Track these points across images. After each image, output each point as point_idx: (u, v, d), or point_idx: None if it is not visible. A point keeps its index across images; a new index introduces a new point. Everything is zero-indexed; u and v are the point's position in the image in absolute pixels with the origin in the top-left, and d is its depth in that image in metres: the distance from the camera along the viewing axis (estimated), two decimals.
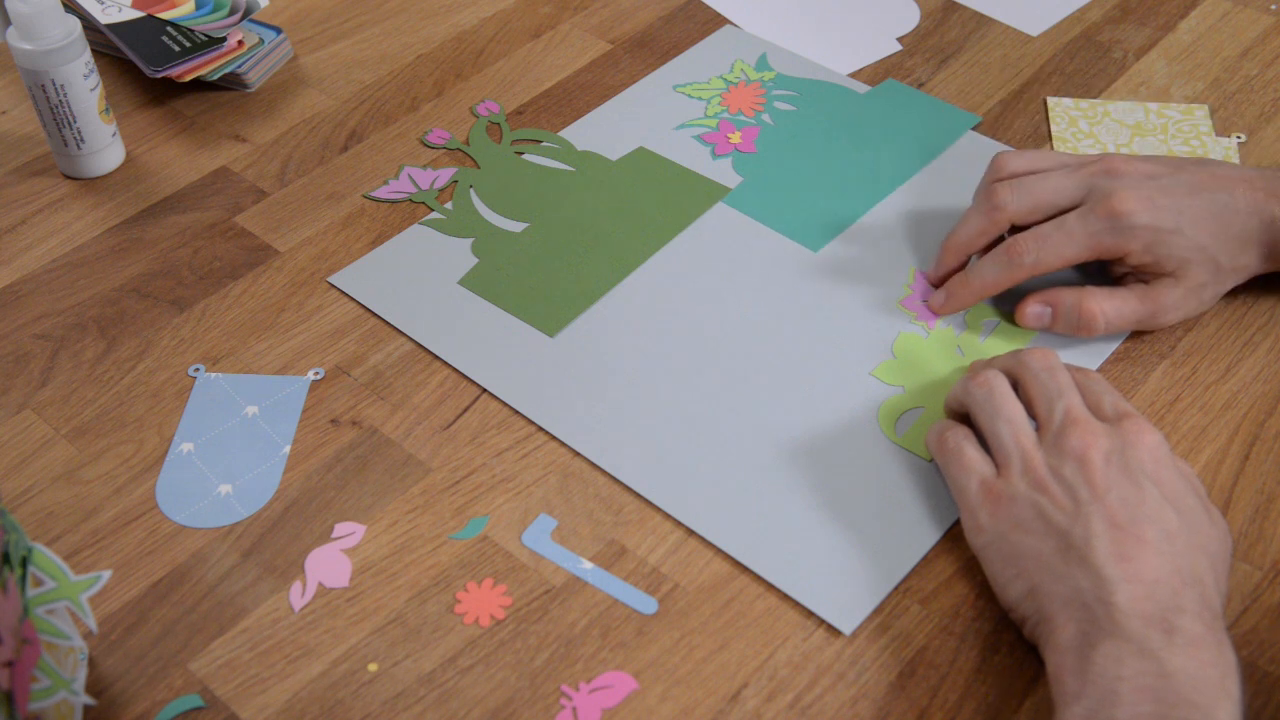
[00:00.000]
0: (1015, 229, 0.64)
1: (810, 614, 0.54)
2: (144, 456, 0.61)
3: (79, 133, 0.74)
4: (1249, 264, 0.62)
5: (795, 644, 0.53)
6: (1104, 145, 0.76)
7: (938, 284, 0.66)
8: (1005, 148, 0.77)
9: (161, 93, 0.82)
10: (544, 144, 0.78)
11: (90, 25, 0.82)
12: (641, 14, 0.88)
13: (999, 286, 0.63)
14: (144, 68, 0.79)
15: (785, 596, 0.55)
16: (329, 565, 0.56)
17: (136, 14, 0.82)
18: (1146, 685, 0.45)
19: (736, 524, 0.57)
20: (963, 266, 0.66)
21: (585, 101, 0.81)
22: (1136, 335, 0.65)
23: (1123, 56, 0.84)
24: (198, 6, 0.83)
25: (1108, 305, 0.62)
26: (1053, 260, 0.61)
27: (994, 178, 0.64)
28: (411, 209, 0.74)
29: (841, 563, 0.56)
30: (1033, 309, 0.63)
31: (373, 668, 0.52)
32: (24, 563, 0.47)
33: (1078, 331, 0.63)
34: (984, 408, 0.55)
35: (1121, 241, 0.60)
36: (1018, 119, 0.79)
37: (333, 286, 0.69)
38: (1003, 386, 0.56)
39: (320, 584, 0.55)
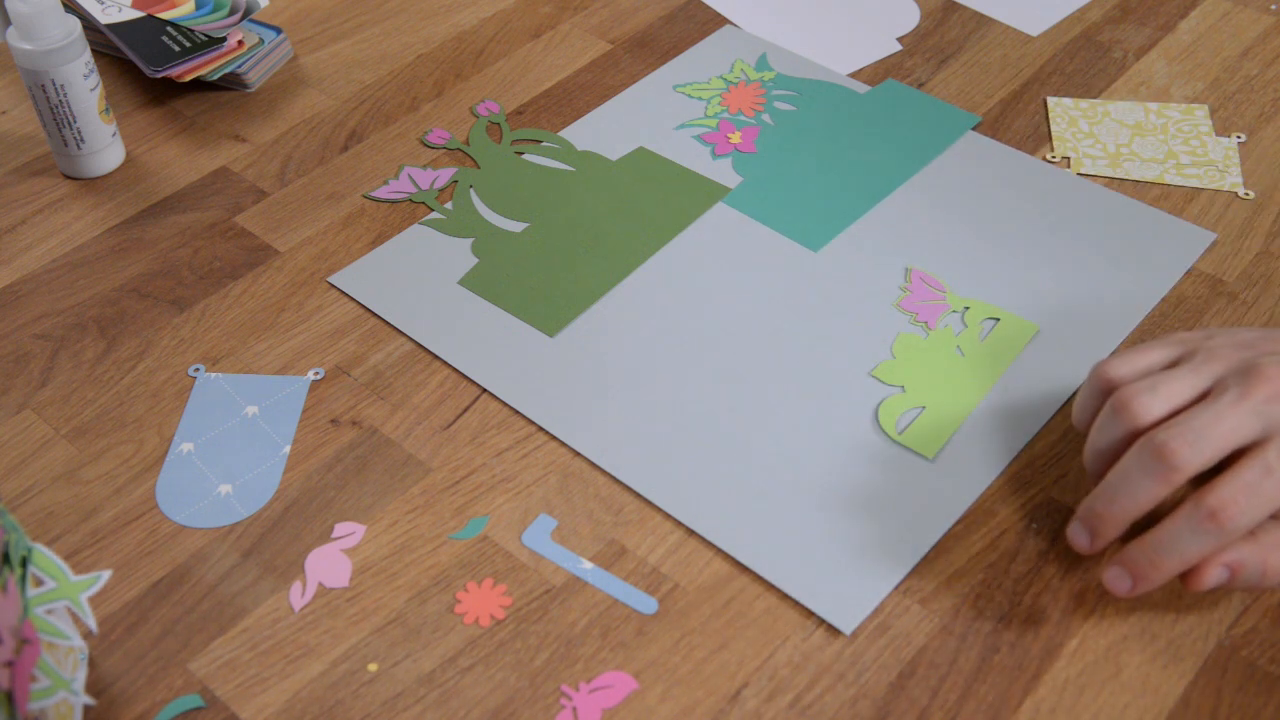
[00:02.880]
0: None
1: (810, 614, 0.54)
2: (144, 456, 0.61)
3: (79, 133, 0.74)
4: None
5: (795, 644, 0.53)
6: (1104, 145, 0.76)
7: (1096, 553, 0.54)
8: (1005, 148, 0.77)
9: (161, 93, 0.82)
10: (544, 144, 0.78)
11: (90, 25, 0.82)
12: (641, 14, 0.88)
13: (1204, 557, 0.50)
14: (144, 68, 0.79)
15: (785, 596, 0.55)
16: (329, 565, 0.56)
17: (136, 14, 0.82)
18: None
19: (736, 524, 0.57)
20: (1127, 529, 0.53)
21: (585, 101, 0.81)
22: (1145, 332, 0.65)
23: (1123, 56, 0.84)
24: (198, 6, 0.83)
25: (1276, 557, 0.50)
26: (1262, 515, 0.49)
27: (1133, 423, 0.51)
28: (411, 209, 0.74)
29: (841, 563, 0.56)
30: (1211, 574, 0.50)
31: (373, 668, 0.52)
32: (24, 563, 0.47)
33: (1261, 589, 0.53)
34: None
35: None
36: (1018, 119, 0.79)
37: (333, 286, 0.69)
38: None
39: (320, 584, 0.55)
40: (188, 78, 0.79)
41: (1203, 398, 0.51)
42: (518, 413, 0.62)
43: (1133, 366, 0.53)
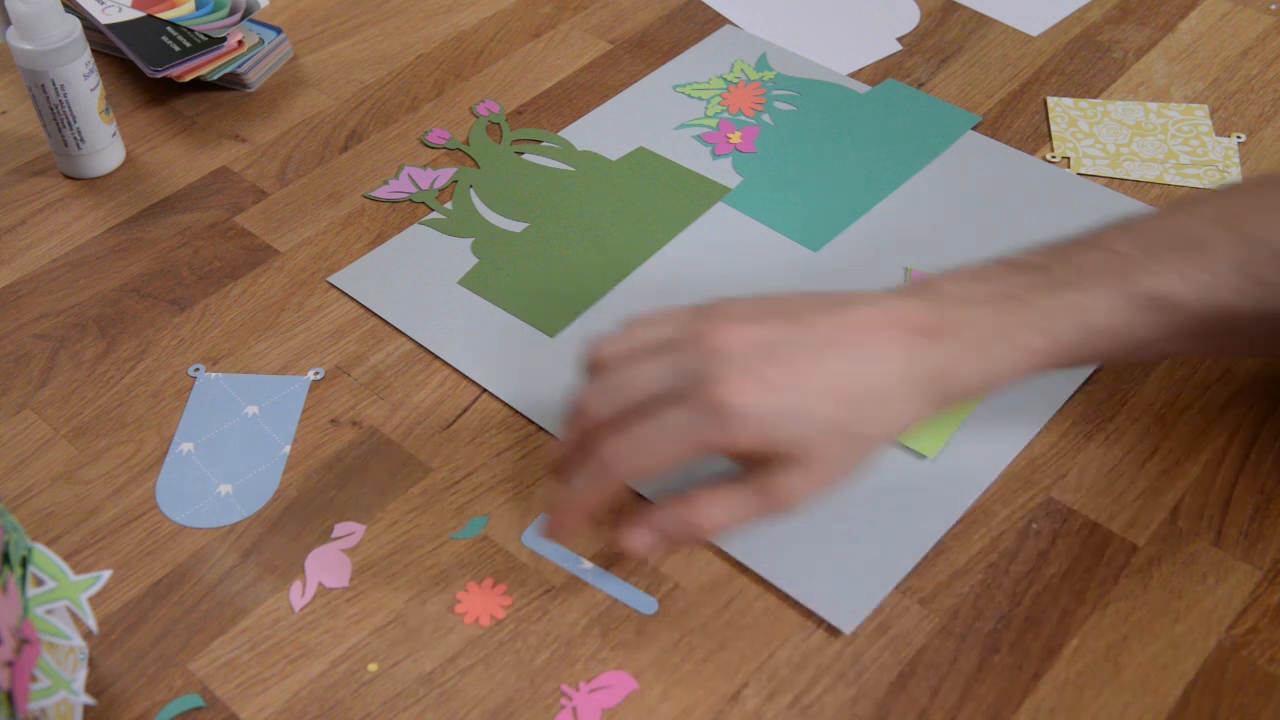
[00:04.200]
0: None
1: (810, 614, 0.54)
2: (144, 456, 0.61)
3: (79, 133, 0.74)
4: (907, 415, 0.51)
5: (795, 644, 0.53)
6: (1104, 145, 0.76)
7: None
8: (1005, 148, 0.77)
9: (161, 93, 0.82)
10: (544, 144, 0.78)
11: (90, 25, 0.82)
12: (641, 14, 0.88)
13: (598, 501, 0.52)
14: (144, 68, 0.79)
15: (785, 596, 0.55)
16: (329, 565, 0.56)
17: (136, 14, 0.82)
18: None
19: None
20: None
21: (585, 101, 0.81)
22: None
23: (1123, 56, 0.84)
24: (198, 6, 0.83)
25: (717, 511, 0.51)
26: (650, 464, 0.50)
27: (586, 370, 0.54)
28: (411, 209, 0.74)
29: (841, 563, 0.56)
30: (637, 538, 0.52)
31: (373, 668, 0.52)
32: (24, 563, 0.47)
33: (693, 544, 0.55)
34: None
35: (728, 436, 0.49)
36: (1018, 119, 0.79)
37: (333, 286, 0.69)
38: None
39: (320, 584, 0.55)
40: (188, 78, 0.79)
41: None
42: (518, 413, 0.62)
43: (617, 344, 0.53)
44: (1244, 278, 0.52)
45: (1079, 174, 0.75)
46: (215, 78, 0.80)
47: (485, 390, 0.63)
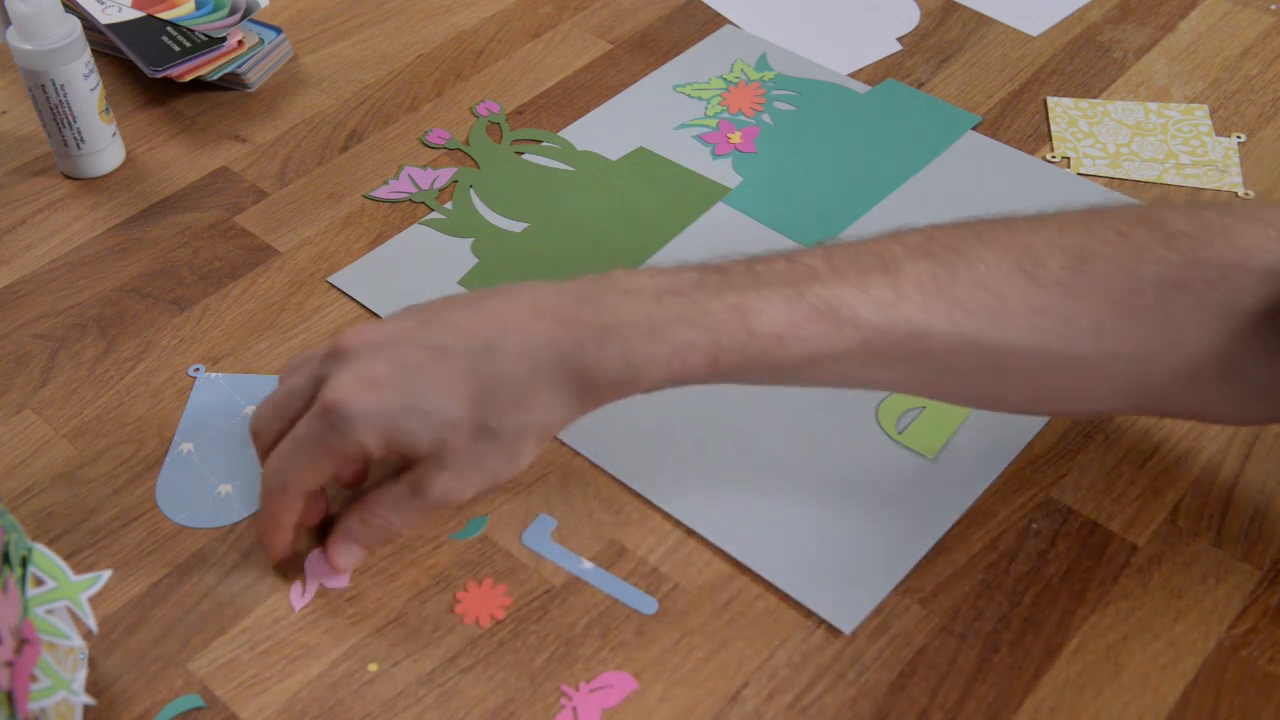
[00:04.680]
0: None
1: (810, 614, 0.54)
2: (144, 456, 0.61)
3: (79, 133, 0.74)
4: (548, 408, 0.49)
5: (795, 644, 0.53)
6: (1104, 145, 0.76)
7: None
8: (1005, 148, 0.77)
9: (161, 93, 0.82)
10: (544, 144, 0.78)
11: (90, 25, 0.82)
12: (641, 14, 0.88)
13: (275, 520, 0.53)
14: (144, 68, 0.79)
15: (785, 596, 0.55)
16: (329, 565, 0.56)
17: (136, 14, 0.82)
18: None
19: (736, 524, 0.57)
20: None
21: (585, 101, 0.81)
22: None
23: (1123, 56, 0.84)
24: (198, 6, 0.83)
25: (388, 510, 0.52)
26: (302, 478, 0.50)
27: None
28: (411, 209, 0.74)
29: (841, 563, 0.56)
30: (337, 550, 0.54)
31: (373, 668, 0.52)
32: (24, 563, 0.47)
33: (383, 543, 0.54)
34: None
35: (348, 441, 0.48)
36: (1018, 119, 0.79)
37: (333, 286, 0.69)
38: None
39: (321, 584, 0.55)
40: (188, 78, 0.79)
41: None
42: None
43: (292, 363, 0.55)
44: (934, 297, 0.49)
45: (1079, 174, 0.75)
46: (215, 78, 0.80)
47: None
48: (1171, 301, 0.49)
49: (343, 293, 0.68)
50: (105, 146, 0.75)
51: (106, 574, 0.48)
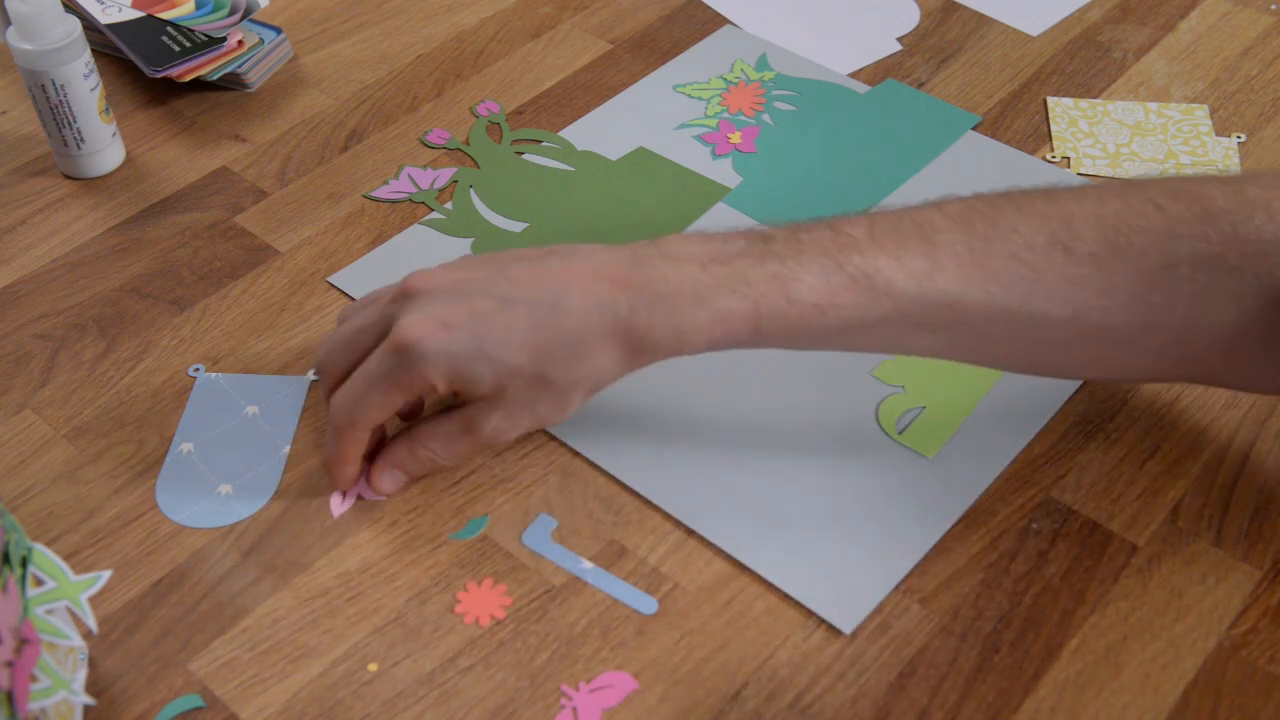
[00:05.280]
0: None
1: (810, 614, 0.54)
2: (144, 456, 0.61)
3: (79, 133, 0.74)
4: (600, 364, 0.52)
5: (795, 644, 0.53)
6: (1104, 145, 0.77)
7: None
8: (1005, 148, 0.77)
9: (161, 93, 0.82)
10: (544, 144, 0.78)
11: (90, 25, 0.82)
12: (641, 14, 0.88)
13: (342, 453, 0.56)
14: (144, 68, 0.79)
15: (785, 596, 0.55)
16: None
17: (136, 14, 0.82)
18: None
19: (736, 524, 0.57)
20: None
21: (585, 101, 0.81)
22: None
23: (1123, 56, 0.84)
24: (198, 6, 0.83)
25: (436, 444, 0.55)
26: (370, 413, 0.53)
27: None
28: (411, 209, 0.74)
29: (841, 563, 0.56)
30: (383, 476, 0.57)
31: (373, 668, 0.52)
32: (24, 563, 0.47)
33: (427, 472, 0.58)
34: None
35: (417, 377, 0.51)
36: (1018, 119, 0.79)
37: (333, 286, 0.69)
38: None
39: (360, 495, 0.58)
40: (188, 78, 0.79)
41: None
42: None
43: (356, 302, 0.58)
44: (968, 268, 0.50)
45: (1079, 174, 0.75)
46: (215, 78, 0.80)
47: None
48: (1208, 277, 0.50)
49: (343, 293, 0.68)
50: (105, 146, 0.75)
51: (106, 574, 0.48)
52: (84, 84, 0.72)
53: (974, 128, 0.78)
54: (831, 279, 0.51)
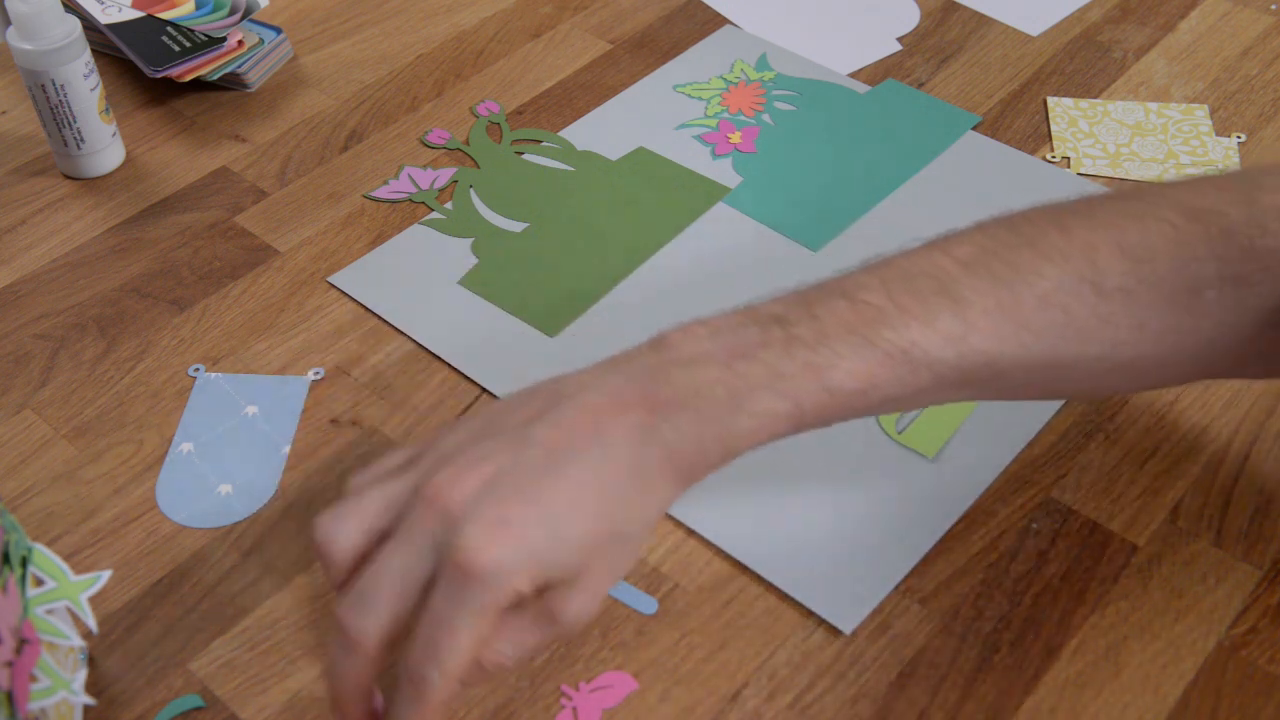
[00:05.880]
0: None
1: (810, 614, 0.54)
2: (144, 456, 0.61)
3: (79, 133, 0.74)
4: (660, 499, 0.47)
5: (795, 644, 0.53)
6: (1104, 145, 0.76)
7: None
8: (1005, 148, 0.77)
9: (161, 93, 0.82)
10: (544, 144, 0.78)
11: (90, 25, 0.82)
12: (641, 14, 0.88)
13: (350, 683, 0.45)
14: (144, 68, 0.79)
15: (785, 596, 0.55)
16: None
17: (136, 14, 0.82)
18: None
19: (736, 524, 0.57)
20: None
21: (585, 101, 0.81)
22: None
23: (1123, 56, 0.84)
24: (198, 6, 0.83)
25: (506, 646, 0.46)
26: (458, 658, 0.44)
27: (333, 581, 0.47)
28: (411, 209, 0.74)
29: (841, 563, 0.56)
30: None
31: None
32: (24, 563, 0.47)
33: (492, 678, 0.48)
34: None
35: (504, 595, 0.44)
36: (1018, 119, 0.79)
37: (333, 286, 0.69)
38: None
39: None
40: (188, 78, 0.79)
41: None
42: None
43: (347, 536, 0.46)
44: (1001, 323, 0.48)
45: (1079, 174, 0.75)
46: (215, 78, 0.80)
47: (485, 390, 0.63)
48: (1233, 295, 0.49)
49: (343, 293, 0.68)
50: (105, 146, 0.75)
51: (106, 574, 0.48)
52: (84, 84, 0.72)
53: (974, 128, 0.78)
54: (867, 359, 0.47)
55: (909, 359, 0.47)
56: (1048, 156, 0.76)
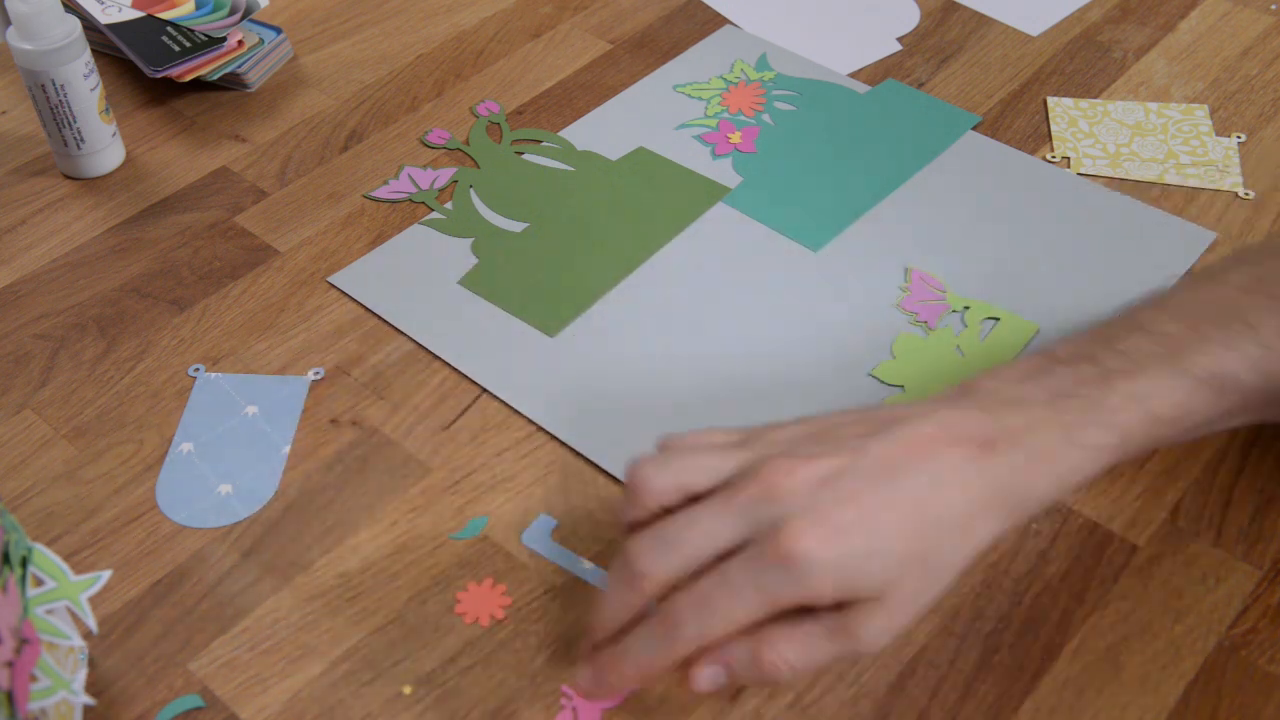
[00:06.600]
0: None
1: None
2: (144, 456, 0.61)
3: (79, 133, 0.74)
4: (982, 535, 0.47)
5: None
6: (1104, 145, 0.76)
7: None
8: (1005, 148, 0.77)
9: (161, 93, 0.82)
10: (544, 144, 0.78)
11: (90, 25, 0.82)
12: (641, 14, 0.88)
13: (659, 666, 0.47)
14: (144, 68, 0.79)
15: None
16: None
17: (136, 14, 0.82)
18: None
19: None
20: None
21: (585, 101, 0.81)
22: None
23: (1123, 56, 0.84)
24: (198, 6, 0.83)
25: (792, 652, 0.46)
26: (722, 626, 0.46)
27: (631, 516, 0.49)
28: (411, 209, 0.74)
29: None
30: (704, 672, 0.47)
31: (373, 668, 0.52)
32: (24, 563, 0.47)
33: (763, 684, 0.51)
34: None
35: (804, 590, 0.45)
36: (1018, 119, 0.79)
37: (333, 286, 0.69)
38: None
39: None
40: (188, 78, 0.79)
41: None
42: (518, 413, 0.62)
43: (663, 478, 0.48)
44: None
45: (1079, 174, 0.75)
46: (215, 78, 0.80)
47: (485, 390, 0.63)
48: None
49: (343, 293, 0.68)
50: (105, 146, 0.75)
51: (106, 574, 0.48)
52: (84, 84, 0.72)
53: (974, 128, 0.78)
54: (1181, 386, 0.49)
55: (1218, 383, 0.50)
56: (1048, 156, 0.76)
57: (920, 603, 0.47)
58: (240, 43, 0.81)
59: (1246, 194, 0.73)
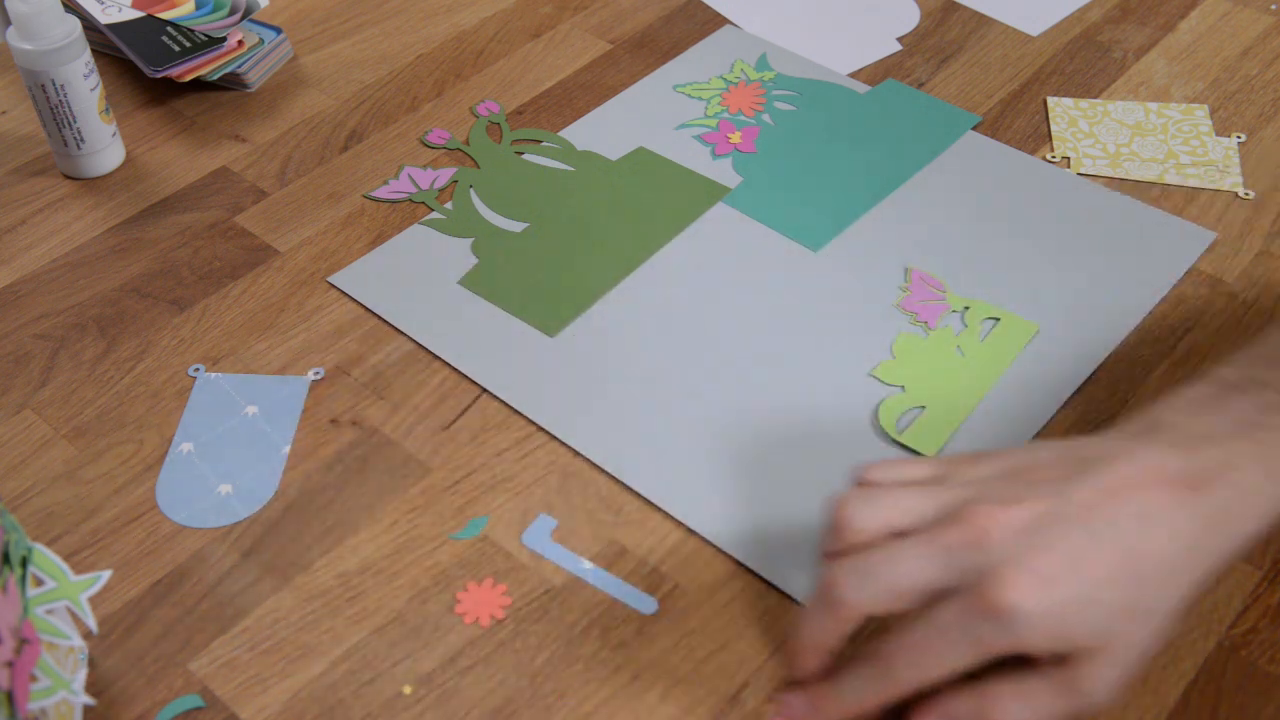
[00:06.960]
0: None
1: None
2: (144, 456, 0.61)
3: (79, 133, 0.74)
4: (1192, 577, 0.46)
5: None
6: (1104, 145, 0.76)
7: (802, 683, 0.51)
8: (1005, 148, 0.77)
9: (161, 93, 0.82)
10: (544, 144, 0.78)
11: (90, 25, 0.82)
12: (641, 14, 0.88)
13: (872, 705, 0.48)
14: (144, 68, 0.79)
15: (785, 596, 0.55)
16: None
17: (136, 14, 0.82)
18: None
19: (736, 524, 0.57)
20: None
21: (585, 101, 0.81)
22: (1145, 331, 0.65)
23: (1123, 56, 0.84)
24: (198, 6, 0.83)
25: (1018, 709, 0.46)
26: (938, 672, 0.46)
27: (832, 547, 0.49)
28: (411, 209, 0.74)
29: None
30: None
31: (373, 668, 0.52)
32: (24, 563, 0.47)
33: None
34: None
35: (1016, 640, 0.44)
36: (1018, 119, 0.79)
37: (333, 286, 0.69)
38: None
39: None
40: (188, 78, 0.79)
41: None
42: (518, 413, 0.62)
43: (869, 512, 0.49)
44: None
45: (1079, 174, 0.75)
46: (215, 78, 0.80)
47: (485, 390, 0.63)
48: None
49: (343, 293, 0.68)
50: (105, 146, 0.75)
51: (106, 574, 0.48)
52: (84, 84, 0.72)
53: (974, 128, 0.78)
54: None
55: None
56: (1048, 156, 0.76)
57: (1142, 649, 0.46)
58: (240, 43, 0.81)
59: (1246, 194, 0.73)
